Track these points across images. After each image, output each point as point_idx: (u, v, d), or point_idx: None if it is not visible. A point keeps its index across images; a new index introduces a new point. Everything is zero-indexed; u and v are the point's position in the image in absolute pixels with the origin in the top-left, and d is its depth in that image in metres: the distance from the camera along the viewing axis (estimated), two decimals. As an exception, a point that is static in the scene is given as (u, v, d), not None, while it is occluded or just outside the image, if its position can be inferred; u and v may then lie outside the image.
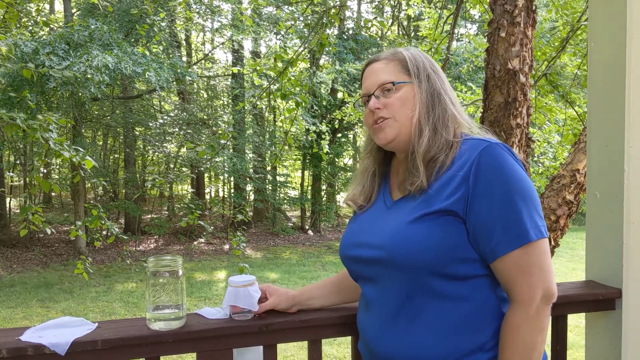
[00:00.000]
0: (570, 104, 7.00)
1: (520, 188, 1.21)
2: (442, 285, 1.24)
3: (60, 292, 11.31)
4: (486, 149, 1.24)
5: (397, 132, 1.36)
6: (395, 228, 1.29)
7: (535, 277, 1.21)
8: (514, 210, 1.20)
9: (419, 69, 1.39)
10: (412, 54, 1.42)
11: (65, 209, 20.99)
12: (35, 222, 4.40)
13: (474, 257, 1.25)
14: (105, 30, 11.51)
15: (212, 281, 12.54)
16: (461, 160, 1.27)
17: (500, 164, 1.22)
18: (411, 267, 1.24)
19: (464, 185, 1.23)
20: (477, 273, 1.26)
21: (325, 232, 19.75)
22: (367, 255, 1.34)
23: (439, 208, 1.24)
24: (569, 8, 6.95)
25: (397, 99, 1.36)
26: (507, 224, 1.20)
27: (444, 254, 1.22)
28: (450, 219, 1.23)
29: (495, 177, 1.21)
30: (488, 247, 1.22)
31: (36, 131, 4.00)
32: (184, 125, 17.17)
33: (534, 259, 1.21)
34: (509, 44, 3.65)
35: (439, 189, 1.26)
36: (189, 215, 5.34)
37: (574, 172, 3.93)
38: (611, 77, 1.80)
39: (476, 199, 1.22)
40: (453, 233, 1.23)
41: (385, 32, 17.93)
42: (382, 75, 1.39)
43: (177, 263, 1.40)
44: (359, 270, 1.40)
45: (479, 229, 1.22)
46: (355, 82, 17.05)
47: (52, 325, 1.41)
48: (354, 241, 1.42)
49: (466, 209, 1.23)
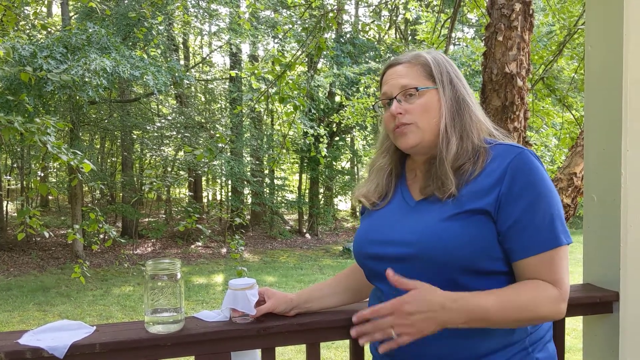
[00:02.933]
0: (567, 107, 7.02)
1: (552, 195, 1.28)
2: (470, 281, 1.27)
3: (57, 295, 11.28)
4: (520, 156, 1.29)
5: (420, 139, 1.37)
6: (428, 225, 1.30)
7: (560, 276, 1.27)
8: (547, 214, 1.26)
9: (442, 74, 1.38)
10: (435, 57, 1.41)
11: (62, 213, 20.96)
12: (33, 226, 4.39)
13: (500, 255, 1.28)
14: (103, 34, 11.52)
15: (210, 284, 12.53)
16: (493, 164, 1.30)
17: (533, 171, 1.28)
18: (445, 263, 1.26)
19: (496, 188, 1.27)
20: (499, 270, 1.29)
21: (322, 236, 19.74)
22: (393, 252, 1.34)
23: (471, 208, 1.27)
24: (566, 12, 6.98)
25: (420, 105, 1.36)
26: (540, 226, 1.25)
27: (478, 250, 1.25)
28: (482, 218, 1.26)
29: (529, 182, 1.26)
30: (519, 245, 1.26)
31: (34, 134, 4.00)
32: (182, 129, 17.18)
33: (562, 261, 1.27)
34: (506, 47, 3.67)
35: (470, 191, 1.29)
36: (187, 219, 5.34)
37: (571, 175, 3.95)
38: (608, 81, 1.80)
39: (511, 201, 1.26)
40: (485, 230, 1.26)
41: (382, 36, 17.97)
42: (405, 79, 1.38)
43: (175, 266, 1.40)
44: (378, 268, 1.38)
45: (512, 229, 1.26)
46: (352, 86, 17.07)
47: (50, 328, 1.40)
48: (373, 238, 1.41)
49: (498, 209, 1.26)
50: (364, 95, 12.25)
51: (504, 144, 1.35)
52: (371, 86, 11.78)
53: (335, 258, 15.97)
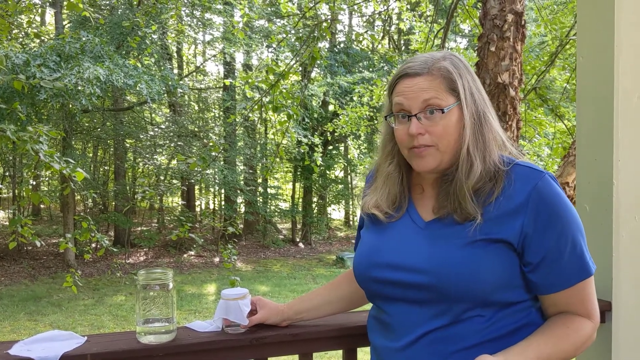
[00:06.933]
0: (559, 117, 7.07)
1: (577, 222, 1.24)
2: (489, 311, 1.23)
3: (48, 305, 11.19)
4: (543, 182, 1.22)
5: (439, 162, 1.26)
6: (444, 253, 1.23)
7: (592, 306, 1.27)
8: (576, 245, 1.23)
9: (464, 87, 1.25)
10: (456, 65, 1.27)
11: (54, 221, 20.83)
12: (24, 234, 4.36)
13: (520, 283, 1.25)
14: (97, 43, 11.50)
15: (202, 294, 12.46)
16: (514, 187, 1.23)
17: (557, 199, 1.23)
18: (463, 294, 1.20)
19: (519, 217, 1.21)
20: (519, 299, 1.26)
21: (316, 245, 19.71)
22: (405, 279, 1.26)
23: (491, 237, 1.21)
24: (558, 23, 7.05)
25: (443, 127, 1.23)
26: (571, 259, 1.23)
27: (497, 280, 1.21)
28: (502, 247, 1.21)
29: (555, 212, 1.21)
30: (549, 280, 1.23)
31: (26, 143, 3.98)
32: (175, 138, 17.16)
33: (592, 289, 1.27)
34: (499, 58, 3.69)
35: (491, 217, 1.22)
36: (180, 228, 5.33)
37: (563, 185, 3.96)
38: (600, 91, 1.82)
39: (538, 234, 1.21)
40: (506, 260, 1.21)
41: (376, 46, 18.04)
42: (427, 93, 1.23)
43: (167, 276, 1.39)
44: (386, 292, 1.31)
45: (542, 263, 1.22)
46: (346, 95, 17.11)
47: (41, 339, 1.39)
48: (379, 261, 1.31)
49: (524, 242, 1.21)
50: (358, 105, 12.29)
51: (523, 164, 1.26)
52: (365, 95, 11.81)
53: (328, 267, 15.94)
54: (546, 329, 1.25)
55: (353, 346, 1.59)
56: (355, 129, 12.50)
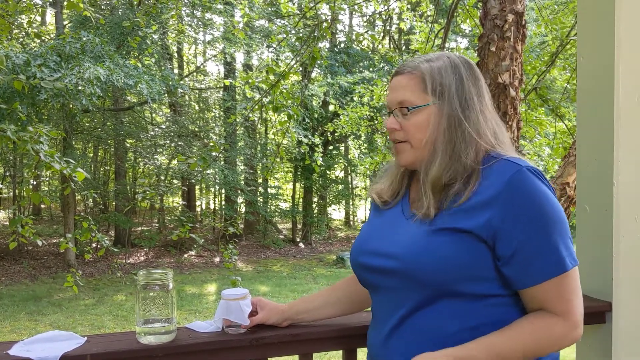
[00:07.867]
0: (559, 117, 7.07)
1: (553, 216, 1.20)
2: (455, 302, 1.23)
3: (49, 305, 11.20)
4: (516, 175, 1.20)
5: (413, 157, 1.33)
6: (413, 239, 1.26)
7: (568, 304, 1.22)
8: (550, 239, 1.19)
9: (442, 87, 1.29)
10: (438, 68, 1.31)
11: (54, 221, 20.84)
12: (25, 234, 4.36)
13: (492, 276, 1.23)
14: (97, 43, 11.50)
15: (203, 294, 12.47)
16: (486, 182, 1.23)
17: (533, 192, 1.20)
18: (429, 279, 1.21)
19: (489, 209, 1.20)
20: (493, 293, 1.24)
21: (316, 245, 19.71)
22: (379, 264, 1.31)
23: (456, 227, 1.22)
24: (558, 23, 7.05)
25: (413, 125, 1.30)
26: (543, 252, 1.19)
27: (463, 273, 1.20)
28: (467, 237, 1.21)
29: (527, 204, 1.19)
30: (522, 274, 1.21)
31: (27, 143, 3.98)
32: (175, 138, 17.16)
33: (570, 286, 1.22)
34: (499, 58, 3.69)
35: (461, 209, 1.23)
36: (180, 228, 5.32)
37: (564, 185, 3.96)
38: (600, 92, 1.81)
39: (509, 226, 1.19)
40: (474, 252, 1.21)
41: (376, 46, 18.05)
42: (401, 93, 1.32)
43: (167, 276, 1.39)
44: (369, 279, 1.37)
45: (514, 257, 1.20)
46: (346, 95, 17.12)
47: (40, 339, 1.39)
48: (365, 248, 1.39)
49: (494, 234, 1.20)
50: (358, 105, 12.29)
51: (507, 159, 1.25)
52: (365, 95, 11.82)
53: (329, 267, 15.94)
54: (511, 324, 1.24)
55: (353, 346, 1.59)
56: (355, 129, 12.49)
